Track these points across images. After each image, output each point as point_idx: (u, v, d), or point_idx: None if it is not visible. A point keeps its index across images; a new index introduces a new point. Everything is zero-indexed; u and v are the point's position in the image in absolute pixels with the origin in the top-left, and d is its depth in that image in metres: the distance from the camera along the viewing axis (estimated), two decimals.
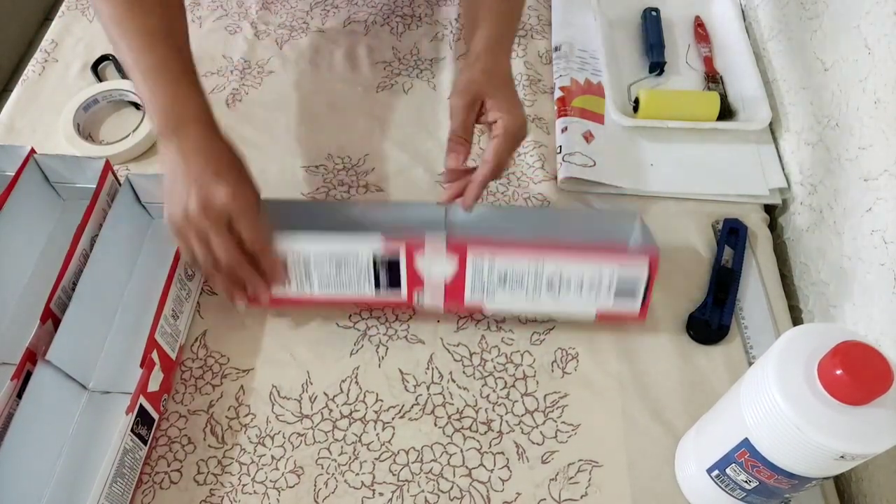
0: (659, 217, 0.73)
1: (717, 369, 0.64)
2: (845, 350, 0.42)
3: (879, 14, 0.61)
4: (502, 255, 0.59)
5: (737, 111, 0.80)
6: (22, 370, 0.55)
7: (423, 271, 0.60)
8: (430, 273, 0.60)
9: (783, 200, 0.75)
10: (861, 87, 0.63)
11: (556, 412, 0.62)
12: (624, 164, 0.76)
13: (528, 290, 0.61)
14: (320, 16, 0.92)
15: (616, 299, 0.61)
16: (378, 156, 0.78)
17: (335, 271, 0.61)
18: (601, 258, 0.59)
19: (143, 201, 0.70)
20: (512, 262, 0.59)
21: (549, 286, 0.60)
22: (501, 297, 0.62)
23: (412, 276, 0.61)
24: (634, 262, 0.59)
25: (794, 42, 0.76)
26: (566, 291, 0.61)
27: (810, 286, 0.69)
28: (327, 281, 0.61)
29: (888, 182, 0.58)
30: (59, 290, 0.59)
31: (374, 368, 0.64)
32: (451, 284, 0.61)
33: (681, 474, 0.58)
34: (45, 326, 0.58)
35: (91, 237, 0.64)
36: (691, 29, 0.89)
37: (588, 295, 0.61)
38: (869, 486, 0.59)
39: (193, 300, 0.67)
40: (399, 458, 0.60)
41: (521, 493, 0.58)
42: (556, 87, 0.83)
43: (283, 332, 0.66)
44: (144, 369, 0.56)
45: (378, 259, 0.60)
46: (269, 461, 0.59)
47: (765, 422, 0.45)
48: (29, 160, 0.67)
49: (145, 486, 0.58)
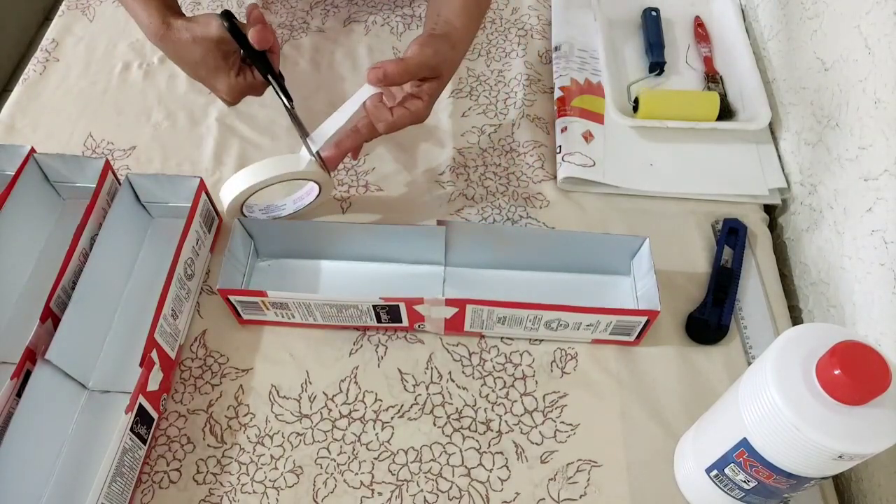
0: (659, 217, 0.73)
1: (716, 369, 0.64)
2: (843, 350, 0.42)
3: (879, 14, 0.61)
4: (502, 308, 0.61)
5: (736, 111, 0.80)
6: (21, 369, 0.55)
7: (423, 313, 0.62)
8: (429, 314, 0.62)
9: (783, 200, 0.75)
10: (861, 87, 0.63)
11: (555, 412, 0.62)
12: (624, 164, 0.76)
13: (527, 328, 0.63)
14: (320, 16, 0.92)
15: (612, 336, 0.64)
16: (378, 156, 0.79)
17: (336, 312, 0.63)
18: (601, 314, 0.61)
19: (142, 201, 0.70)
20: (511, 312, 0.61)
21: (548, 326, 0.63)
22: (501, 330, 0.64)
23: (413, 316, 0.63)
24: (633, 316, 0.61)
25: (794, 42, 0.76)
26: (564, 330, 0.63)
27: (810, 286, 0.69)
28: (330, 317, 0.64)
29: (888, 182, 0.58)
30: (58, 289, 0.59)
31: (374, 368, 0.64)
32: (451, 320, 0.63)
33: (680, 474, 0.58)
34: (44, 326, 0.58)
35: (91, 237, 0.64)
36: (691, 29, 0.89)
37: (585, 332, 0.63)
38: (869, 485, 0.59)
39: (193, 300, 0.67)
40: (398, 457, 0.60)
41: (520, 492, 0.58)
42: (556, 87, 0.83)
43: (282, 332, 0.66)
44: (144, 369, 0.56)
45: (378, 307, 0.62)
46: (269, 461, 0.59)
47: (763, 422, 0.45)
48: (29, 160, 0.67)
49: (144, 485, 0.58)
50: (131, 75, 0.86)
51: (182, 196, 0.69)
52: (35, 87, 0.85)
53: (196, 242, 0.66)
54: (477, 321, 0.63)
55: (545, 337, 0.65)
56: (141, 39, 0.89)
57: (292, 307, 0.62)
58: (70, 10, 0.93)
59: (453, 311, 0.61)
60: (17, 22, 1.71)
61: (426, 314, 0.62)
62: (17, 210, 0.65)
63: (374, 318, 0.63)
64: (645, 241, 0.64)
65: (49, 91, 0.84)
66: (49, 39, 0.90)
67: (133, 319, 0.65)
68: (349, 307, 0.62)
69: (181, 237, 0.63)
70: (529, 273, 0.68)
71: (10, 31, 1.68)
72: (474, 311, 0.61)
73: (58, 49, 0.88)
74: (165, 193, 0.69)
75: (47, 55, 0.88)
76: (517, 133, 0.80)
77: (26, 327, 0.56)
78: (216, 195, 0.68)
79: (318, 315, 0.63)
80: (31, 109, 0.83)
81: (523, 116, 0.81)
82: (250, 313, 0.64)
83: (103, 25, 0.91)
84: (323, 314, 0.63)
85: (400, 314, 0.62)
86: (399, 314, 0.62)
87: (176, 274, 0.62)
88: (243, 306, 0.63)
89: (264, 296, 0.61)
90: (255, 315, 0.64)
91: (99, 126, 0.81)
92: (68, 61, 0.87)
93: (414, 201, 0.75)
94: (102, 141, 0.80)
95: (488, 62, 0.88)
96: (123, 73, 0.86)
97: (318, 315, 0.63)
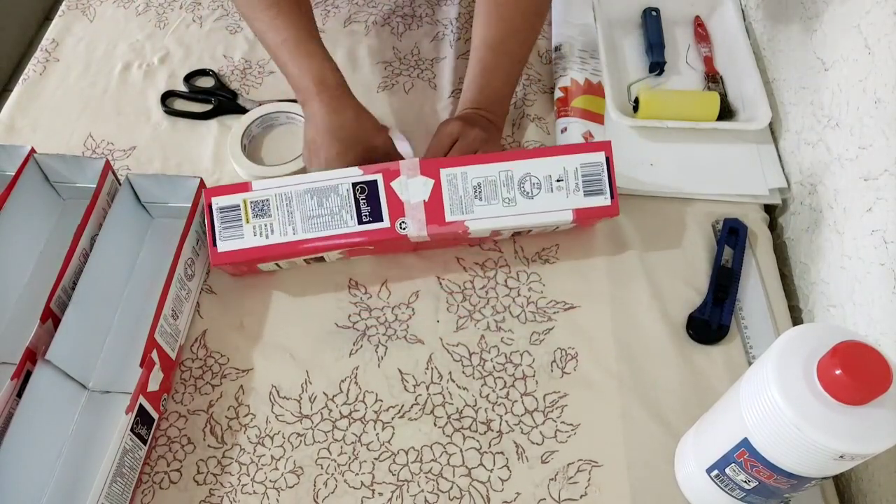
0: (659, 217, 0.73)
1: (716, 369, 0.64)
2: (844, 350, 0.42)
3: (879, 14, 0.61)
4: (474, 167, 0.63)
5: (737, 111, 0.80)
6: (22, 370, 0.55)
7: (401, 195, 0.63)
8: (408, 197, 0.63)
9: (783, 200, 0.75)
10: (861, 87, 0.63)
11: (555, 412, 0.62)
12: (624, 164, 0.76)
13: (504, 199, 0.64)
14: (320, 16, 0.92)
15: (586, 198, 0.65)
16: None
17: (316, 204, 0.62)
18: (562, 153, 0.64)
19: (143, 201, 0.70)
20: (483, 171, 0.63)
21: (522, 190, 0.63)
22: (481, 211, 0.64)
23: (392, 201, 0.63)
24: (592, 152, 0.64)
25: (794, 42, 0.76)
26: (538, 192, 0.64)
27: (810, 286, 0.69)
28: (310, 217, 0.63)
29: (888, 182, 0.58)
30: (59, 289, 0.59)
31: (374, 368, 0.64)
32: (430, 204, 0.63)
33: (680, 474, 0.58)
34: (45, 326, 0.58)
35: (91, 237, 0.64)
36: (691, 29, 0.89)
37: (559, 194, 0.64)
38: (869, 485, 0.59)
39: (193, 300, 0.67)
40: (399, 457, 0.60)
41: (521, 492, 0.58)
42: (556, 87, 0.83)
43: (282, 332, 0.66)
44: (144, 369, 0.56)
45: (357, 186, 0.62)
46: (269, 461, 0.59)
47: (764, 422, 0.45)
48: (29, 160, 0.67)
49: (145, 485, 0.58)
50: (131, 75, 0.86)
51: (182, 196, 0.68)
52: (35, 87, 0.85)
53: (196, 242, 0.66)
54: (455, 199, 0.63)
55: (527, 219, 0.64)
56: (141, 39, 0.89)
57: (272, 207, 0.62)
58: (70, 10, 0.93)
59: (429, 188, 0.62)
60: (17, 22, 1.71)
61: (404, 196, 0.63)
62: (17, 210, 0.65)
63: (356, 214, 0.63)
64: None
65: (49, 91, 0.84)
66: (49, 39, 0.89)
67: (133, 320, 0.65)
68: (329, 194, 0.62)
69: (181, 237, 0.63)
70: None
71: (10, 31, 1.68)
72: (450, 185, 0.62)
73: (58, 49, 0.88)
74: (165, 194, 0.69)
75: (47, 55, 0.88)
76: (517, 133, 0.80)
77: (26, 327, 0.56)
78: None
79: (298, 216, 0.62)
80: (31, 109, 0.83)
81: (523, 116, 0.81)
82: (228, 235, 0.63)
83: (103, 25, 0.91)
84: (303, 211, 0.62)
85: (380, 204, 0.62)
86: (379, 205, 0.63)
87: (176, 274, 0.62)
88: (223, 222, 0.63)
89: (248, 189, 0.62)
90: (233, 240, 0.63)
91: (99, 126, 0.81)
92: (68, 61, 0.87)
93: None
94: (102, 141, 0.80)
95: None
96: (123, 73, 0.86)
97: (297, 217, 0.62)
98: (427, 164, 0.63)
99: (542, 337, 0.66)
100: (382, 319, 0.67)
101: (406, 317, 0.67)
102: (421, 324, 0.67)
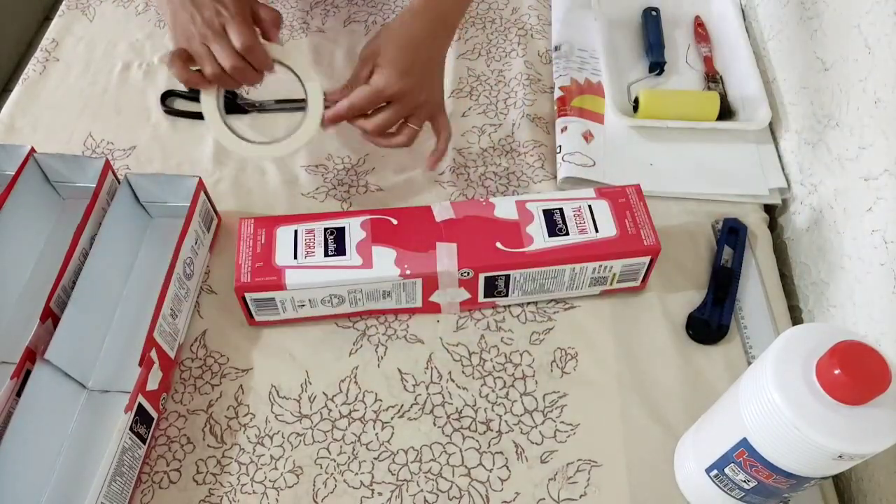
0: (659, 217, 0.73)
1: (716, 369, 0.64)
2: (843, 350, 0.41)
3: (879, 14, 0.61)
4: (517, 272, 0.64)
5: (737, 111, 0.80)
6: (21, 369, 0.55)
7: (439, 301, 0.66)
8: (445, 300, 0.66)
9: (783, 200, 0.75)
10: (861, 87, 0.63)
11: (555, 412, 0.62)
12: (624, 164, 0.76)
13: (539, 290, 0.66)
14: (320, 16, 0.92)
15: (618, 283, 0.67)
16: (378, 156, 0.78)
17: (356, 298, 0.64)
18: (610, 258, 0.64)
19: (142, 201, 0.70)
20: (528, 274, 0.64)
21: (559, 282, 0.65)
22: (514, 297, 0.67)
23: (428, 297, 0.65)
24: (639, 256, 0.64)
25: (794, 42, 0.76)
26: (575, 284, 0.66)
27: (810, 286, 0.69)
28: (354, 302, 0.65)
29: (888, 182, 0.58)
30: (58, 289, 0.59)
31: (374, 368, 0.64)
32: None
33: (680, 474, 0.58)
34: (44, 325, 0.58)
35: (90, 236, 0.64)
36: (691, 29, 0.89)
37: (595, 287, 0.67)
38: (869, 485, 0.59)
39: (192, 299, 0.67)
40: (398, 457, 0.60)
41: (521, 492, 0.58)
42: (556, 87, 0.83)
43: (282, 332, 0.66)
44: (143, 368, 0.56)
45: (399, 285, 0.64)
46: (269, 461, 0.59)
47: (763, 421, 0.45)
48: (29, 159, 0.67)
49: (144, 485, 0.58)
50: (131, 75, 0.86)
51: (181, 196, 0.68)
52: (35, 87, 0.85)
53: (195, 242, 0.66)
54: (489, 290, 0.65)
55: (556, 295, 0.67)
56: (141, 39, 0.89)
57: (315, 298, 0.63)
58: (70, 10, 0.93)
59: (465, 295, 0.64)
60: (17, 22, 1.71)
61: (442, 302, 0.65)
62: (17, 210, 0.65)
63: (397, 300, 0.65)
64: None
65: (49, 91, 0.84)
66: (49, 39, 0.90)
67: (132, 319, 0.65)
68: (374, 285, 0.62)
69: (180, 237, 0.63)
70: None
71: (10, 31, 1.68)
72: (487, 281, 0.63)
73: (58, 49, 0.88)
74: (164, 193, 0.69)
75: (47, 55, 0.88)
76: (517, 133, 0.80)
77: (26, 327, 0.56)
78: (216, 195, 0.68)
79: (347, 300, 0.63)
80: (31, 109, 0.83)
81: (523, 116, 0.81)
82: (264, 313, 0.64)
83: (103, 25, 0.91)
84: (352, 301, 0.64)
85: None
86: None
87: (175, 273, 0.62)
88: (258, 305, 0.63)
89: (281, 288, 0.61)
90: (269, 315, 0.64)
91: (99, 126, 0.81)
92: (68, 61, 0.87)
93: (414, 201, 0.75)
94: (102, 141, 0.80)
95: (488, 62, 0.88)
96: (123, 73, 0.86)
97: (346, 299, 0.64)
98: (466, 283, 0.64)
99: (541, 337, 0.66)
100: (382, 319, 0.67)
101: (406, 316, 0.67)
102: (421, 323, 0.67)
